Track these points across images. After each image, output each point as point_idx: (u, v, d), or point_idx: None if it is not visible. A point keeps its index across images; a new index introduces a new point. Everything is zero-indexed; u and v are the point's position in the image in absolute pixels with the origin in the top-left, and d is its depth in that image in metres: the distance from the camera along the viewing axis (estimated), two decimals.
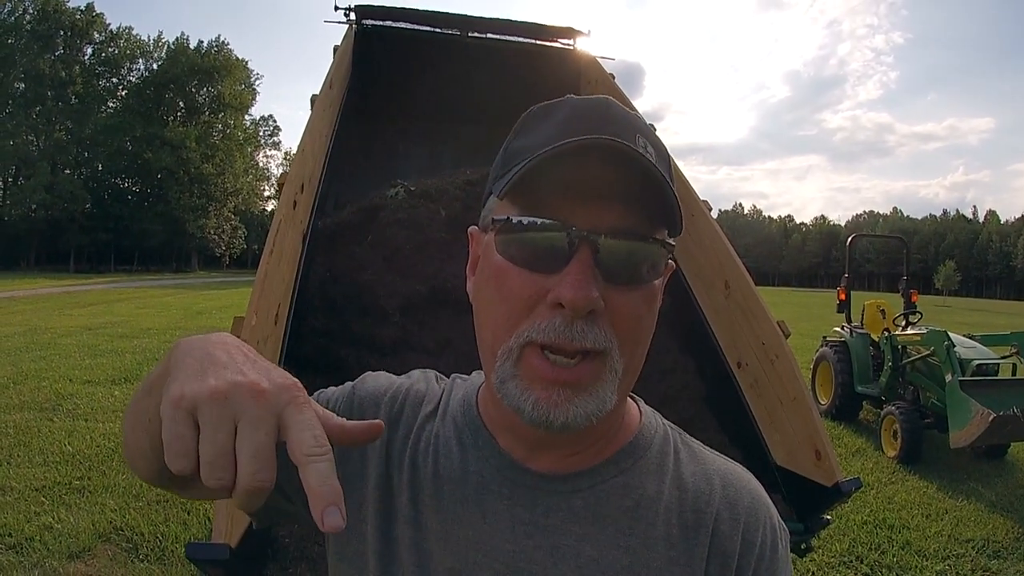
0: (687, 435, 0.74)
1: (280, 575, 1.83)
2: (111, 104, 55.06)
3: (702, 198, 3.32)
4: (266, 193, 66.81)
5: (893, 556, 4.22)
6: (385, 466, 0.70)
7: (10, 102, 47.32)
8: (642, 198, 0.57)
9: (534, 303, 0.58)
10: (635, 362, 0.62)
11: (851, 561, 4.14)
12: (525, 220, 0.58)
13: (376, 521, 0.68)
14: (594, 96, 0.63)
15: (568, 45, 4.80)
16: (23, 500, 4.36)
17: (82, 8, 51.70)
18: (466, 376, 0.79)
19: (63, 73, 49.36)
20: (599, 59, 4.54)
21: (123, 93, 55.58)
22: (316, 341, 2.84)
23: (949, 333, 6.07)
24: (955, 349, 5.80)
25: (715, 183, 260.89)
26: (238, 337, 1.77)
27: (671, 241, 0.61)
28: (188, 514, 4.25)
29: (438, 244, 3.44)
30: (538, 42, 4.78)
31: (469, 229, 0.69)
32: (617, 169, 0.56)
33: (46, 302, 18.49)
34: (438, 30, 4.60)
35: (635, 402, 0.74)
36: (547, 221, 0.57)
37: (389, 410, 0.73)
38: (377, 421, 0.52)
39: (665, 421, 0.75)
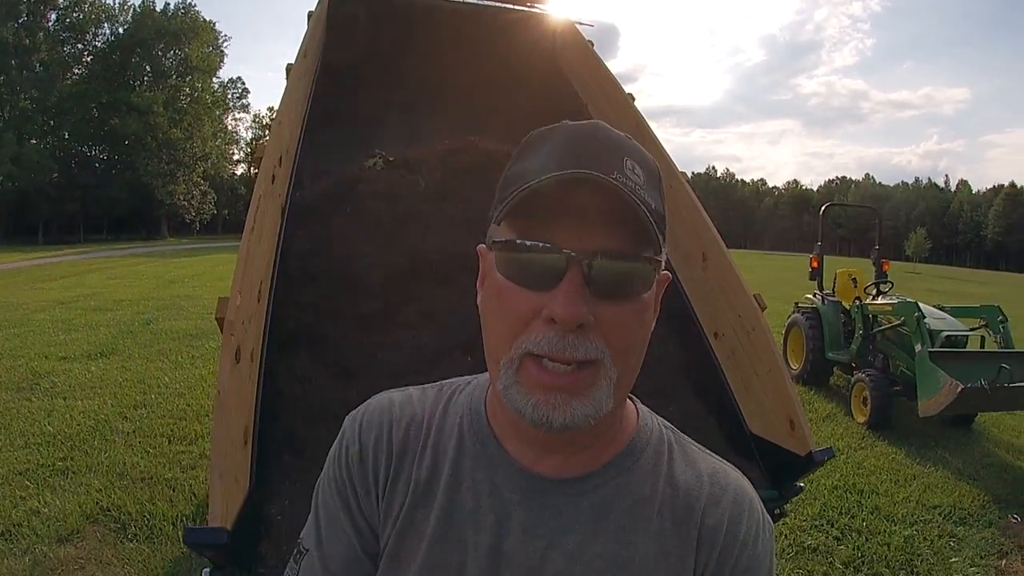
0: (681, 434, 0.80)
1: (274, 552, 1.85)
2: (76, 71, 53.09)
3: (680, 169, 3.34)
4: (235, 157, 65.51)
5: (862, 520, 4.36)
6: (392, 497, 0.75)
7: None
8: (628, 221, 0.62)
9: (531, 318, 0.63)
10: (629, 369, 0.67)
11: (822, 525, 4.28)
12: (523, 242, 0.63)
13: (394, 544, 0.73)
14: (586, 122, 0.69)
15: (541, 9, 4.75)
16: (8, 484, 4.31)
17: None
18: (461, 381, 0.82)
19: (27, 41, 47.40)
20: (577, 24, 4.50)
21: (89, 59, 53.61)
22: (299, 316, 2.83)
23: (920, 304, 6.21)
24: (925, 320, 5.94)
25: (689, 145, 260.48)
26: (223, 319, 1.77)
27: (658, 258, 0.66)
28: (173, 491, 4.26)
29: (418, 215, 3.42)
30: (514, 7, 4.73)
31: (478, 247, 0.73)
32: (603, 197, 0.61)
33: (16, 276, 18.09)
34: None
35: (633, 403, 0.79)
36: (542, 244, 0.63)
37: (389, 452, 0.76)
38: None
39: (661, 420, 0.80)
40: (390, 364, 2.66)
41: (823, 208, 8.98)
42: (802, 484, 2.59)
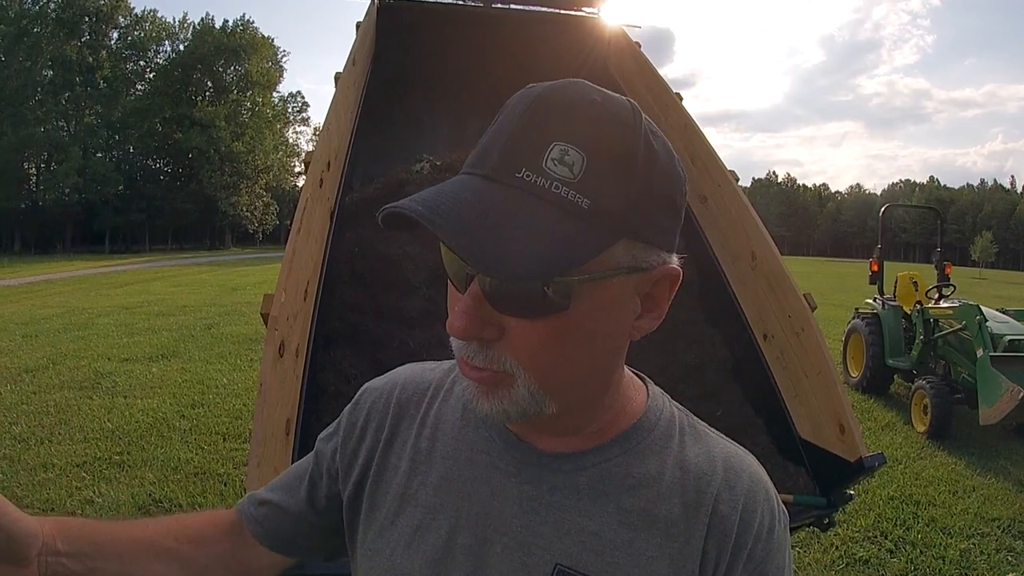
0: (695, 418, 0.76)
1: None
2: (139, 87, 55.61)
3: (729, 168, 3.29)
4: (296, 169, 67.09)
5: (918, 533, 4.20)
6: (387, 457, 0.76)
7: (39, 89, 47.83)
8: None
9: None
10: (559, 384, 0.61)
11: (875, 536, 4.14)
12: (442, 246, 0.59)
13: (391, 508, 0.74)
14: (524, 95, 0.60)
15: (592, 13, 4.74)
16: (65, 476, 4.49)
17: None
18: None
19: (90, 58, 49.97)
20: (625, 27, 4.49)
21: (151, 75, 56.03)
22: (346, 315, 2.89)
23: (982, 307, 5.96)
24: (987, 324, 5.70)
25: (748, 150, 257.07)
26: (268, 314, 1.82)
27: (569, 278, 0.55)
28: (224, 485, 4.39)
29: None
30: (561, 11, 4.74)
31: None
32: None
33: (83, 283, 18.90)
34: (460, 2, 4.58)
35: (644, 384, 0.76)
36: (450, 252, 0.59)
37: (384, 413, 0.79)
38: None
39: (674, 403, 0.76)
40: None
41: (883, 209, 8.71)
42: (853, 492, 2.50)
